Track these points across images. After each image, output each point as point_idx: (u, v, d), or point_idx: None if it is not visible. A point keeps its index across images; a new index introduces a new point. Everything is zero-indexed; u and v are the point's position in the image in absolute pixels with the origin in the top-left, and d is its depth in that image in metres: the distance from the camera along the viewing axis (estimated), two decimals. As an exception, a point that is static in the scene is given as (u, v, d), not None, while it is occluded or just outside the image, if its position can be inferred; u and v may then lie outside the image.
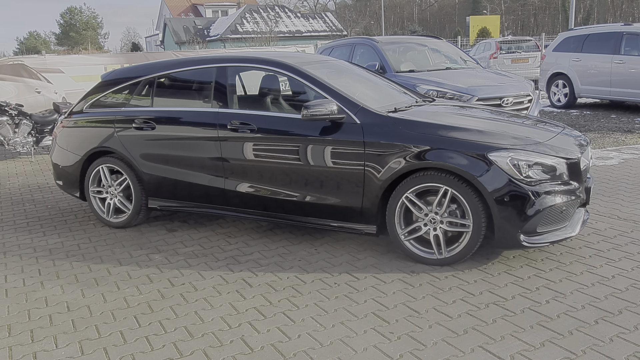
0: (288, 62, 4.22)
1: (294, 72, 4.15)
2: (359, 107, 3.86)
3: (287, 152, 4.01)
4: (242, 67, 4.42)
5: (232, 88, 4.36)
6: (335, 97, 3.92)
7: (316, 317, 3.06)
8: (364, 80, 4.86)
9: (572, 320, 2.90)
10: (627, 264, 3.61)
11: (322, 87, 4.01)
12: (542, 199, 3.45)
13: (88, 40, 76.70)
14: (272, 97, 4.47)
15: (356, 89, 4.61)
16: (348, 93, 4.01)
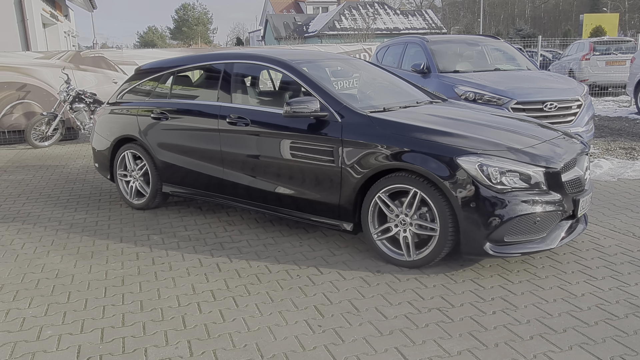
0: (282, 59, 4.37)
1: (287, 68, 4.29)
2: (342, 106, 3.93)
3: (274, 147, 4.17)
4: (244, 64, 4.63)
5: (234, 83, 4.59)
6: (320, 94, 4.02)
7: (260, 304, 3.21)
8: (373, 79, 4.90)
9: (506, 332, 2.82)
10: (607, 283, 3.39)
11: (310, 84, 4.12)
12: (511, 208, 3.34)
13: (198, 35, 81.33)
14: (267, 92, 4.65)
15: (356, 87, 4.68)
16: (336, 91, 4.09)
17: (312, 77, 4.18)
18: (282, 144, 4.12)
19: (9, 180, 6.66)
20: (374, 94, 4.77)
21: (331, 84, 4.31)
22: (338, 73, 4.89)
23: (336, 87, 4.59)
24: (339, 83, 4.75)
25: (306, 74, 4.21)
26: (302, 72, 4.22)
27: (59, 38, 16.57)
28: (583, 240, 4.15)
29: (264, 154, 4.23)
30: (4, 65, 9.38)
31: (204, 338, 2.83)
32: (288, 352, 2.68)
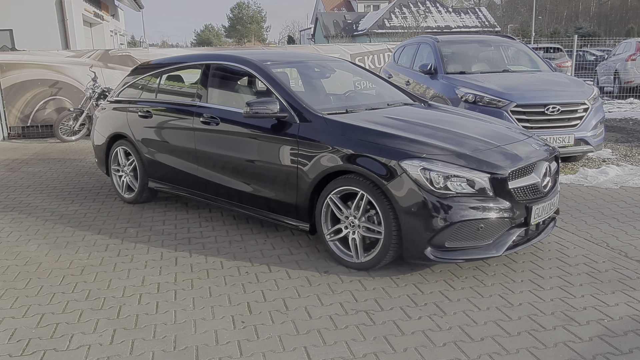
0: (251, 59, 4.47)
1: (254, 69, 4.38)
2: (301, 107, 3.99)
3: (240, 146, 4.28)
4: (219, 65, 4.75)
5: (210, 84, 4.71)
6: (282, 95, 4.09)
7: (197, 298, 3.33)
8: (350, 81, 4.93)
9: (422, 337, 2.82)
10: (552, 294, 3.31)
11: (273, 84, 4.19)
12: (453, 213, 3.30)
13: (252, 33, 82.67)
14: (238, 93, 4.75)
15: (326, 89, 4.73)
16: (297, 93, 4.15)
17: (275, 78, 4.25)
18: (247, 144, 4.22)
19: (26, 172, 7.09)
20: (344, 96, 4.79)
21: (312, 85, 4.37)
22: (313, 74, 4.94)
23: (306, 88, 4.63)
24: (312, 84, 4.80)
25: (271, 74, 4.29)
26: (268, 73, 4.30)
27: (104, 37, 17.32)
28: (550, 249, 4.05)
29: (231, 154, 4.35)
30: (39, 63, 9.94)
31: (130, 328, 2.97)
32: (201, 345, 2.78)
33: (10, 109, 9.98)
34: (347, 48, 11.54)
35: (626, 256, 3.89)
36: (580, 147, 6.38)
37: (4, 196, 5.86)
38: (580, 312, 3.08)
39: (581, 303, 3.19)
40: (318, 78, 4.95)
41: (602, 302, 3.19)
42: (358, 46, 11.71)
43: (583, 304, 3.17)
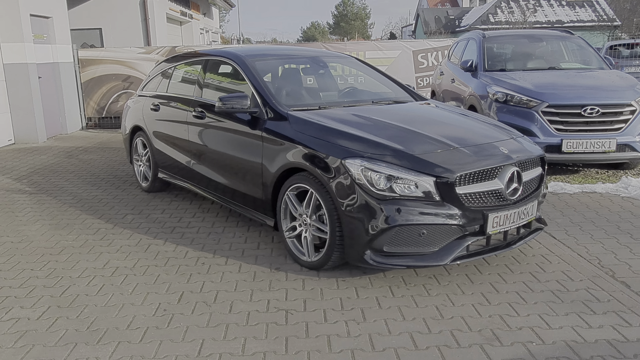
0: (237, 54, 4.52)
1: (239, 63, 4.43)
2: (270, 102, 4.00)
3: (220, 139, 4.37)
4: (213, 60, 4.86)
5: (205, 79, 4.85)
6: (257, 90, 4.12)
7: (142, 283, 3.47)
8: (343, 78, 4.83)
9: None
10: (494, 310, 3.06)
11: (252, 79, 4.22)
12: (392, 216, 3.16)
13: (355, 30, 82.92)
14: (225, 87, 4.81)
15: (318, 85, 4.69)
16: (270, 88, 4.16)
17: (254, 74, 4.28)
18: (227, 138, 4.31)
19: (79, 159, 7.73)
20: (330, 93, 4.70)
21: (297, 81, 4.40)
22: (306, 71, 4.91)
23: (288, 84, 4.61)
24: (299, 80, 4.77)
25: (251, 70, 4.32)
26: (249, 68, 4.33)
27: (192, 34, 18.31)
28: (528, 262, 3.73)
29: (215, 147, 4.46)
30: (113, 59, 10.76)
31: (64, 306, 3.17)
32: (112, 328, 2.91)
33: (88, 101, 10.91)
34: (409, 44, 11.27)
35: (612, 276, 3.48)
36: (624, 153, 5.77)
37: (46, 179, 6.44)
38: (512, 332, 2.82)
39: (520, 322, 2.92)
40: (310, 74, 4.91)
41: (545, 324, 2.90)
42: (421, 42, 11.38)
43: (521, 324, 2.90)
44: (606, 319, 2.94)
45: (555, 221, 4.60)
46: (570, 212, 4.83)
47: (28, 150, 8.49)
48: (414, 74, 11.23)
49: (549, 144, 5.74)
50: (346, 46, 11.19)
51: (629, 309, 3.05)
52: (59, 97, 10.09)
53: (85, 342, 2.77)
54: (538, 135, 5.75)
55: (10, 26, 8.69)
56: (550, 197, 5.29)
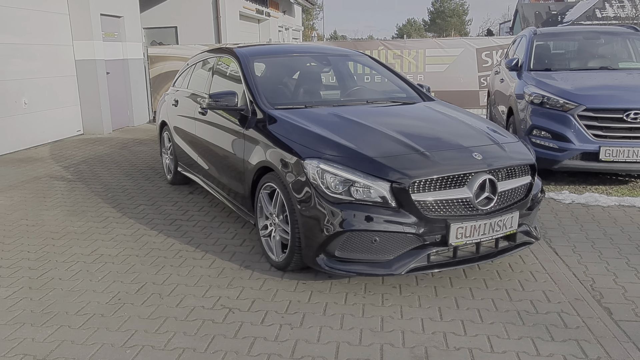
0: (238, 51, 4.55)
1: (237, 60, 4.47)
2: (256, 100, 4.01)
3: (216, 135, 4.45)
4: (222, 58, 4.93)
5: (215, 76, 4.94)
6: (249, 88, 4.14)
7: (111, 272, 3.62)
8: (348, 76, 4.76)
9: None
10: (442, 327, 2.87)
11: (246, 77, 4.24)
12: (343, 221, 3.05)
13: (452, 26, 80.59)
14: (227, 84, 4.85)
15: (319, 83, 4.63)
16: (260, 87, 4.15)
17: (249, 71, 4.29)
18: (220, 134, 4.37)
19: (130, 151, 8.19)
20: (326, 91, 4.59)
21: (293, 79, 4.40)
22: (308, 69, 4.85)
23: (282, 82, 4.57)
24: (295, 79, 4.72)
25: (246, 67, 4.33)
26: (245, 65, 4.35)
27: (269, 32, 18.73)
28: (511, 279, 3.47)
29: (212, 142, 4.54)
30: (179, 56, 11.26)
31: (36, 288, 3.39)
32: (66, 310, 3.06)
33: (155, 96, 11.51)
34: (472, 42, 10.78)
35: (598, 301, 3.14)
36: (672, 164, 5.16)
37: (90, 168, 6.89)
38: (447, 352, 2.63)
39: (462, 343, 2.71)
40: (313, 72, 4.83)
41: (488, 346, 2.68)
42: (486, 40, 10.85)
43: (462, 344, 2.70)
44: (562, 347, 2.66)
45: (568, 235, 4.21)
46: (591, 227, 4.40)
47: (91, 141, 9.12)
48: (477, 73, 10.74)
49: (585, 151, 5.27)
50: (405, 44, 10.93)
51: (596, 338, 2.73)
52: (127, 91, 10.74)
53: (32, 324, 2.93)
54: (573, 142, 5.30)
55: (82, 25, 9.37)
56: (579, 209, 4.85)
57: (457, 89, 10.78)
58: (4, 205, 5.25)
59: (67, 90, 9.42)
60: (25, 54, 8.35)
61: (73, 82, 9.58)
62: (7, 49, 7.95)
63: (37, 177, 6.42)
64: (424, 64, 10.81)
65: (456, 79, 10.77)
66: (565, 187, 5.57)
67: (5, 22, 7.91)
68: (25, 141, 8.33)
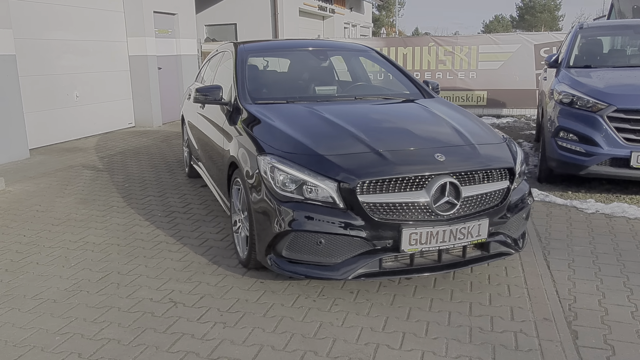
0: (239, 48, 4.50)
1: (234, 57, 4.44)
2: (238, 95, 3.97)
3: (210, 129, 4.46)
4: (225, 52, 4.93)
5: (220, 70, 4.96)
6: (237, 82, 4.11)
7: (85, 259, 3.72)
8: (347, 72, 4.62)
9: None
10: (382, 339, 2.70)
11: (237, 72, 4.20)
12: (289, 220, 2.94)
13: (542, 22, 76.66)
14: (227, 77, 4.82)
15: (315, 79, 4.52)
16: (250, 82, 4.11)
17: (240, 66, 4.25)
18: (212, 128, 4.38)
19: (169, 144, 8.45)
20: (319, 87, 4.44)
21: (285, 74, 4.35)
22: (304, 63, 4.73)
23: (272, 77, 4.49)
24: (289, 75, 4.62)
25: (240, 62, 4.30)
26: (238, 60, 4.31)
27: (334, 29, 18.69)
28: (482, 291, 3.20)
29: (207, 136, 4.56)
30: (231, 52, 11.48)
31: (10, 270, 3.55)
32: (24, 294, 3.18)
33: (208, 91, 11.79)
34: (530, 37, 10.16)
35: (568, 323, 2.82)
36: None
37: (123, 159, 7.18)
38: (325, 359, 2.46)
39: (392, 357, 2.53)
40: (311, 68, 4.70)
41: (390, 359, 2.47)
42: (545, 35, 10.18)
43: (391, 359, 2.51)
44: (499, 371, 2.40)
45: (572, 248, 3.84)
46: (603, 240, 3.99)
47: (139, 133, 9.51)
48: (534, 70, 10.12)
49: (615, 156, 4.79)
50: (457, 40, 10.49)
51: (544, 364, 2.45)
52: (179, 86, 11.09)
53: (-12, 305, 3.07)
54: (601, 145, 4.83)
55: (135, 22, 9.79)
56: (599, 220, 4.42)
57: (512, 88, 10.21)
58: (27, 191, 5.57)
59: (120, 84, 9.87)
60: (79, 49, 8.83)
61: (127, 77, 10.03)
62: (61, 45, 8.44)
63: (71, 166, 6.77)
64: (477, 61, 10.32)
65: (511, 77, 10.20)
66: (595, 195, 5.09)
67: (61, 20, 8.41)
68: (76, 132, 8.81)
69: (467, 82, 10.42)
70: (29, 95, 7.75)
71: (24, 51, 7.64)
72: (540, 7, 79.75)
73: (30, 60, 7.80)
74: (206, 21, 14.47)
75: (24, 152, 7.25)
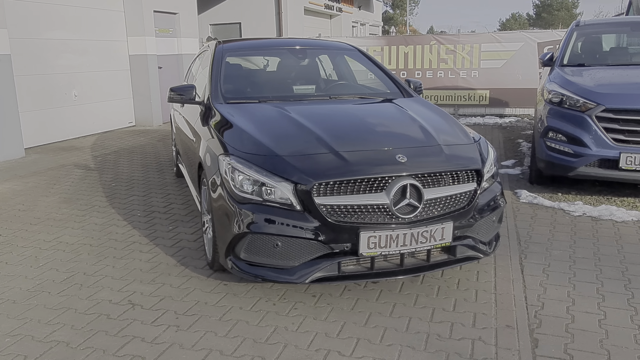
0: (219, 47, 4.45)
1: (212, 55, 4.39)
2: (211, 95, 3.93)
3: (186, 130, 4.43)
4: (206, 50, 4.89)
5: (200, 69, 4.92)
6: (211, 82, 4.06)
7: (50, 259, 3.71)
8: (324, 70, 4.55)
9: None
10: (332, 344, 2.64)
11: (212, 71, 4.16)
12: (246, 222, 2.88)
13: (559, 20, 75.59)
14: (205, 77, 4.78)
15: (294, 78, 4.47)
16: (224, 81, 4.07)
17: (217, 65, 4.21)
18: (187, 128, 4.34)
19: (165, 143, 8.45)
20: (297, 86, 4.37)
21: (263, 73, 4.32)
22: (283, 63, 4.67)
23: (248, 76, 4.44)
24: (265, 75, 4.56)
25: (217, 61, 4.26)
26: (215, 59, 4.27)
27: (341, 27, 18.60)
28: (447, 296, 3.11)
29: (186, 136, 4.51)
30: (232, 51, 11.46)
31: (-22, 270, 3.55)
32: (-18, 295, 3.18)
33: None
34: (533, 35, 9.98)
35: (530, 331, 2.73)
36: None
37: (116, 158, 7.19)
38: (315, 373, 2.39)
39: (311, 358, 2.46)
40: (290, 67, 4.65)
41: None
42: (549, 33, 9.98)
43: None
44: (448, 380, 2.32)
45: (550, 252, 3.74)
46: (584, 244, 3.87)
47: (137, 132, 9.54)
48: (538, 69, 9.91)
49: (603, 157, 4.65)
50: (459, 38, 10.34)
51: (496, 374, 2.36)
52: (180, 85, 11.08)
53: (-52, 304, 3.06)
54: (590, 146, 4.69)
55: (135, 21, 9.81)
56: (585, 223, 4.30)
57: (515, 87, 10.04)
58: (14, 190, 5.59)
59: (121, 83, 9.91)
60: (78, 48, 8.87)
61: (127, 76, 10.07)
62: (59, 44, 8.48)
63: (63, 165, 6.79)
64: (479, 60, 10.17)
65: (514, 76, 10.03)
66: (586, 197, 4.96)
67: (59, 19, 8.45)
68: (74, 131, 8.86)
69: (469, 81, 10.27)
70: (26, 94, 7.80)
71: (21, 51, 7.69)
72: (557, 4, 78.66)
73: (27, 60, 7.85)
74: (211, 20, 14.48)
75: (19, 151, 7.30)
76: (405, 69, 10.55)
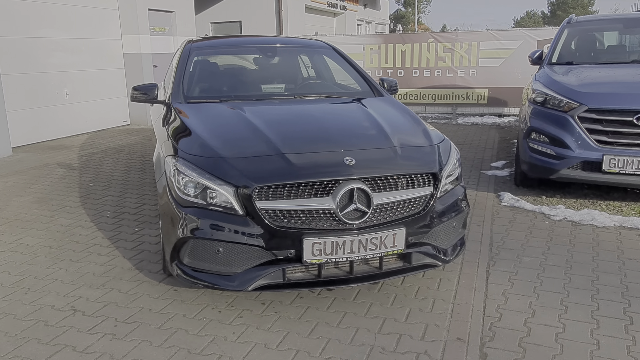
0: (190, 45, 4.41)
1: (180, 53, 4.31)
2: (171, 94, 3.83)
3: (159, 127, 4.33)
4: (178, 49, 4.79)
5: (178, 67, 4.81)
6: (173, 81, 3.97)
7: (18, 262, 3.65)
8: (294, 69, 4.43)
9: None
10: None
11: (175, 70, 4.08)
12: (188, 227, 2.77)
13: (574, 18, 74.48)
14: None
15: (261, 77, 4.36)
16: (186, 80, 3.98)
17: (182, 64, 4.13)
18: (153, 128, 4.25)
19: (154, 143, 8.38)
20: (265, 85, 4.25)
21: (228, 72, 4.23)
22: (249, 62, 4.56)
23: (214, 76, 4.32)
24: (232, 74, 4.45)
25: (183, 59, 4.18)
26: (182, 58, 4.19)
27: (345, 25, 18.44)
28: (402, 305, 2.97)
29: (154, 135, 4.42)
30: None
31: None
32: None
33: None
34: (533, 33, 9.74)
35: (481, 344, 2.59)
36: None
37: (101, 158, 7.13)
38: (243, 388, 2.27)
39: None
40: (259, 65, 4.53)
41: None
42: (549, 31, 9.72)
43: None
44: (380, 398, 2.19)
45: (521, 259, 3.58)
46: (558, 251, 3.71)
47: (130, 131, 9.49)
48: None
49: (586, 159, 4.47)
50: (457, 36, 10.14)
51: (434, 392, 2.22)
52: (176, 84, 11.03)
53: None
54: (572, 148, 4.52)
55: (129, 20, 9.76)
56: (564, 228, 4.14)
57: (514, 86, 9.80)
58: (-10, 190, 5.55)
59: (115, 82, 9.87)
60: (70, 47, 8.83)
61: (121, 75, 10.02)
62: (49, 43, 8.45)
63: (47, 164, 6.75)
64: (477, 58, 9.96)
65: (513, 74, 9.79)
66: (570, 200, 4.79)
67: (50, 18, 8.42)
68: (65, 130, 8.83)
69: (467, 80, 10.07)
70: (15, 93, 7.77)
71: (8, 49, 7.66)
72: (573, 2, 77.72)
73: (15, 58, 7.82)
74: (211, 19, 14.42)
75: (5, 150, 7.27)
76: (402, 68, 10.38)
